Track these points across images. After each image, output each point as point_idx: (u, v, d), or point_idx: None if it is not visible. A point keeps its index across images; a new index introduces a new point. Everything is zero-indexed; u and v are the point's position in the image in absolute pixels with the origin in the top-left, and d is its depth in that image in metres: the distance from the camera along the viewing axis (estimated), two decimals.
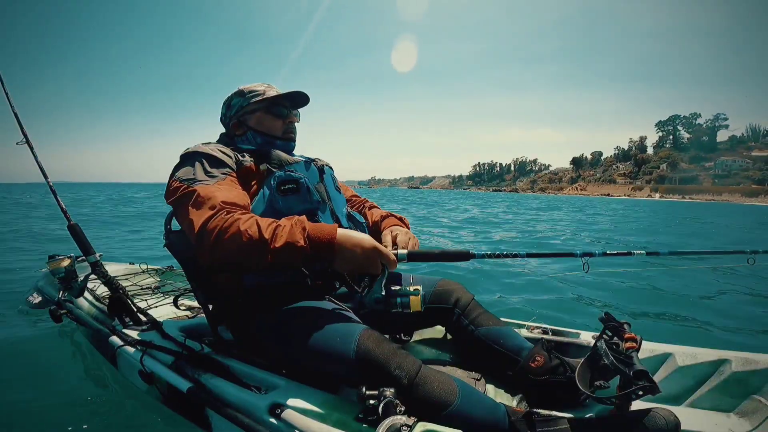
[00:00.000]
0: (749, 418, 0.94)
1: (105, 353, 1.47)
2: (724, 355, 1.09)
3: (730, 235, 10.66)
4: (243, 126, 1.25)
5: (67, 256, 1.81)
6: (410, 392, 0.88)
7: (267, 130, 1.24)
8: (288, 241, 0.90)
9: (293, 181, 1.12)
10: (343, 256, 0.93)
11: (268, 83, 1.29)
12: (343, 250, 0.92)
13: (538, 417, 0.90)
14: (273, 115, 1.25)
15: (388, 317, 1.24)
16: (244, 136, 1.25)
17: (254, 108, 1.24)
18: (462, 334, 1.24)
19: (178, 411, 1.17)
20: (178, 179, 1.04)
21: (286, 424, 0.87)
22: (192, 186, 1.01)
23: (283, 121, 1.26)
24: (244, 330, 1.14)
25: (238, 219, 0.94)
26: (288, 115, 1.28)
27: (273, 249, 0.90)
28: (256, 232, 0.91)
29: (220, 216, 0.95)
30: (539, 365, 1.10)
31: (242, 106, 1.25)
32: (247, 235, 0.90)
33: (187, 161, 1.08)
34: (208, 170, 1.06)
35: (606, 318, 0.99)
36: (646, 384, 0.79)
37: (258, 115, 1.24)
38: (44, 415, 1.42)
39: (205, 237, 0.93)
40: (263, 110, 1.24)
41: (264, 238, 0.90)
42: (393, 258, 0.97)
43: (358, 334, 0.95)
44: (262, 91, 1.25)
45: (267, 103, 1.24)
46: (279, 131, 1.26)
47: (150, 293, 1.98)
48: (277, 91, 1.26)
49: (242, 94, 1.25)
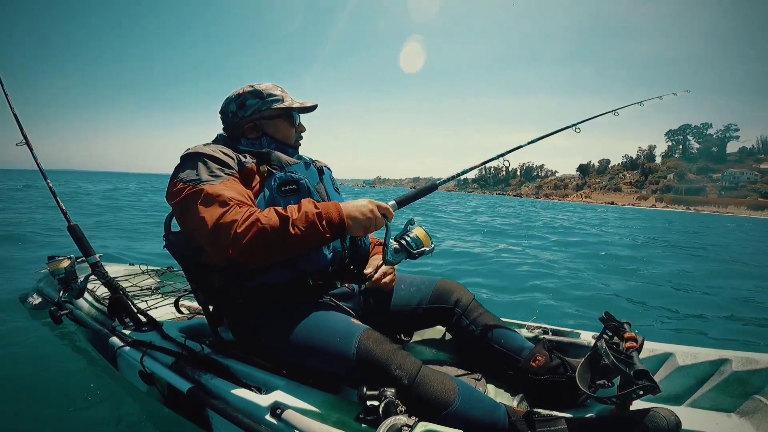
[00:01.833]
0: (750, 418, 0.94)
1: (105, 354, 1.47)
2: (724, 355, 1.08)
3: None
4: (258, 130, 1.22)
5: (66, 257, 1.81)
6: (410, 392, 0.88)
7: (283, 138, 1.24)
8: (307, 227, 0.95)
9: (294, 182, 1.12)
10: (354, 226, 1.02)
11: (276, 84, 1.27)
12: (351, 221, 1.01)
13: (538, 417, 0.90)
14: (290, 124, 1.25)
15: (388, 317, 1.25)
16: (258, 141, 1.22)
17: (273, 114, 1.22)
18: (463, 334, 1.24)
19: (178, 412, 1.17)
20: (182, 180, 1.03)
21: (286, 425, 0.87)
22: (197, 186, 1.00)
23: (296, 129, 1.27)
24: (244, 330, 1.13)
25: (254, 210, 0.96)
26: (300, 124, 1.29)
27: (294, 235, 0.93)
28: (276, 221, 0.94)
29: (234, 210, 0.96)
30: (540, 365, 1.10)
31: (260, 110, 1.21)
32: (267, 224, 0.93)
33: (188, 162, 1.07)
34: (212, 170, 1.04)
35: (606, 317, 0.99)
36: (647, 384, 0.78)
37: (276, 121, 1.23)
38: (44, 417, 1.42)
39: (223, 231, 0.92)
40: (282, 117, 1.24)
41: (284, 225, 0.93)
42: (389, 207, 1.08)
43: (358, 334, 0.95)
44: (281, 97, 1.23)
45: (286, 111, 1.23)
46: (292, 139, 1.27)
47: (150, 294, 1.98)
48: (291, 98, 1.26)
49: (260, 95, 1.21)
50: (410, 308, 1.27)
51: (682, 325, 2.98)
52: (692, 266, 5.75)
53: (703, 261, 6.63)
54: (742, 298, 3.88)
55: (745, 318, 3.14)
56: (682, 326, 2.94)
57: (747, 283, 4.57)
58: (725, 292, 4.05)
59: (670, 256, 6.93)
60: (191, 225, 1.01)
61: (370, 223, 1.03)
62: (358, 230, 1.03)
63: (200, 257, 1.12)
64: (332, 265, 1.17)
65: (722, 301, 3.64)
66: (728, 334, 2.76)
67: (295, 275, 1.10)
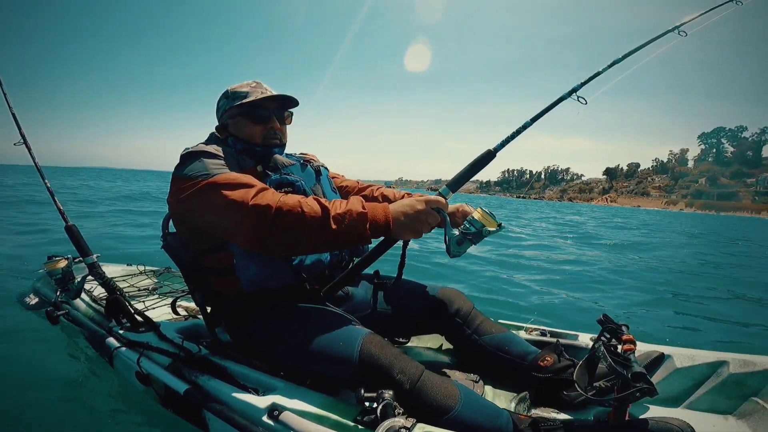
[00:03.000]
0: (747, 421, 0.94)
1: (102, 355, 1.46)
2: (722, 357, 1.08)
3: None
4: (225, 131, 1.18)
5: (64, 257, 1.80)
6: (412, 397, 0.88)
7: (246, 137, 1.15)
8: (349, 224, 0.89)
9: (289, 184, 1.10)
10: (400, 230, 0.93)
11: (257, 81, 1.20)
12: (396, 224, 0.92)
13: (544, 425, 0.89)
14: (252, 121, 1.15)
15: (387, 321, 1.24)
16: (227, 141, 1.17)
17: (235, 112, 1.15)
18: (465, 344, 1.22)
19: (175, 413, 1.16)
20: (190, 176, 0.99)
21: (283, 426, 0.87)
22: (212, 177, 0.96)
23: (263, 126, 1.15)
24: (242, 332, 1.13)
25: (293, 195, 0.93)
26: (270, 120, 1.16)
27: (333, 229, 0.88)
28: (318, 210, 0.89)
29: (268, 192, 0.93)
30: (548, 365, 1.10)
31: (225, 110, 1.17)
32: (309, 212, 0.89)
33: (192, 159, 1.03)
34: (219, 165, 1.02)
35: (604, 320, 0.99)
36: (644, 386, 0.78)
37: (237, 120, 1.15)
38: (40, 417, 1.41)
39: (260, 212, 0.88)
40: (243, 115, 1.15)
41: (325, 216, 0.89)
42: (439, 199, 0.98)
43: (361, 338, 0.94)
44: (246, 93, 1.15)
45: (247, 107, 1.14)
46: (259, 137, 1.15)
47: (147, 295, 1.98)
48: (263, 92, 1.16)
49: (227, 95, 1.18)
50: (411, 311, 1.26)
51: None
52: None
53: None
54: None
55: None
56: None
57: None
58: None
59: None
60: (215, 213, 0.95)
61: (419, 225, 0.94)
62: (405, 233, 0.95)
63: (199, 258, 1.12)
64: (329, 269, 1.16)
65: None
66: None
67: (292, 279, 1.09)
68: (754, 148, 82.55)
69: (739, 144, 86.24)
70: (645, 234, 12.56)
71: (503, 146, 1.12)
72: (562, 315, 2.97)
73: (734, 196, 68.35)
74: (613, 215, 29.78)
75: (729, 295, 4.10)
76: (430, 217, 0.95)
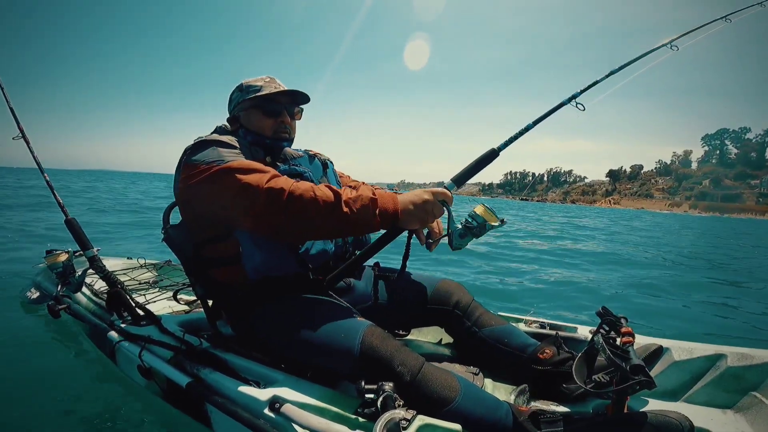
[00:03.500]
0: (746, 415, 0.95)
1: (103, 348, 1.47)
2: (720, 350, 1.09)
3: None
4: (236, 122, 1.21)
5: (64, 251, 1.81)
6: (412, 389, 0.88)
7: (257, 129, 1.18)
8: (359, 210, 0.93)
9: (298, 174, 1.12)
10: (407, 219, 0.98)
11: (271, 76, 1.24)
12: (404, 213, 0.97)
13: (544, 418, 0.90)
14: (264, 114, 1.18)
15: (387, 312, 1.25)
16: (237, 133, 1.19)
17: (248, 105, 1.19)
18: (465, 336, 1.23)
19: (177, 406, 1.17)
20: (203, 162, 1.00)
21: (285, 419, 0.87)
22: (225, 163, 0.98)
23: (275, 120, 1.19)
24: (243, 325, 1.13)
25: (305, 182, 0.96)
26: (281, 114, 1.19)
27: (344, 214, 0.93)
28: (330, 195, 0.94)
29: (282, 178, 0.96)
30: (547, 357, 1.11)
31: (238, 102, 1.20)
32: (321, 196, 0.92)
33: (204, 147, 1.05)
34: (231, 153, 1.03)
35: (603, 312, 0.99)
36: (643, 379, 0.79)
37: (250, 112, 1.19)
38: (43, 412, 1.42)
39: (274, 195, 0.92)
40: (255, 107, 1.18)
41: (337, 201, 0.93)
42: (445, 191, 1.02)
43: (362, 330, 0.95)
44: (260, 87, 1.19)
45: (260, 100, 1.17)
46: (269, 131, 1.18)
47: (148, 288, 1.98)
48: (276, 87, 1.20)
49: (241, 88, 1.21)
50: (412, 303, 1.26)
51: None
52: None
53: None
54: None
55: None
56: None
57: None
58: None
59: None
60: (228, 196, 0.97)
61: (426, 215, 0.99)
62: (412, 222, 0.99)
63: (201, 250, 1.12)
64: (333, 260, 1.17)
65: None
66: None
67: (297, 268, 1.09)
68: (758, 150, 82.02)
69: (742, 145, 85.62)
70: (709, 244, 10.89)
71: (506, 146, 1.17)
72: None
73: (738, 198, 68.02)
74: (634, 217, 28.97)
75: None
76: (435, 208, 0.99)
